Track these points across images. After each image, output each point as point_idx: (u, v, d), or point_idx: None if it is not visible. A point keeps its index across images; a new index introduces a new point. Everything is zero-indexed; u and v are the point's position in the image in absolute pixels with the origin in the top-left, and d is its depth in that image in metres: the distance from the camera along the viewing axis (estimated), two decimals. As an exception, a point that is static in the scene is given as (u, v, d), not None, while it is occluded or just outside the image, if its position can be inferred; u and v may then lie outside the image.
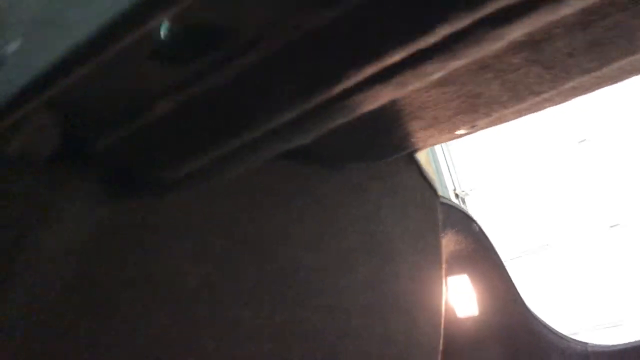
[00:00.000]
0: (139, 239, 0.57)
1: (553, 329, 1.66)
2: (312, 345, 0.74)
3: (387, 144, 0.88)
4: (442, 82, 0.75)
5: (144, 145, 0.47)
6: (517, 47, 0.73)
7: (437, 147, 4.21)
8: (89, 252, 0.52)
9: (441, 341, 1.11)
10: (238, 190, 0.71)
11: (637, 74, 0.86)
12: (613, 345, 1.57)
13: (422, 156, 1.23)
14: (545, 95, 0.87)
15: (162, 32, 0.38)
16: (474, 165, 4.12)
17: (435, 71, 0.45)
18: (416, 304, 1.04)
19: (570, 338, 1.65)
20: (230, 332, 0.64)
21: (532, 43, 0.73)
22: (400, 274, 1.02)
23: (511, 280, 1.73)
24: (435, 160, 4.24)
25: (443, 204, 1.38)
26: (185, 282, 0.62)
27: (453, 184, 4.20)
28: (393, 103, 0.76)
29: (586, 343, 1.62)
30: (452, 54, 0.41)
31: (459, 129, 0.93)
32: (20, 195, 0.42)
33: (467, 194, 4.18)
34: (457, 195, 4.14)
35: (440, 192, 1.33)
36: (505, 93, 0.84)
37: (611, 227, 3.50)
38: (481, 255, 1.75)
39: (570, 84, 0.85)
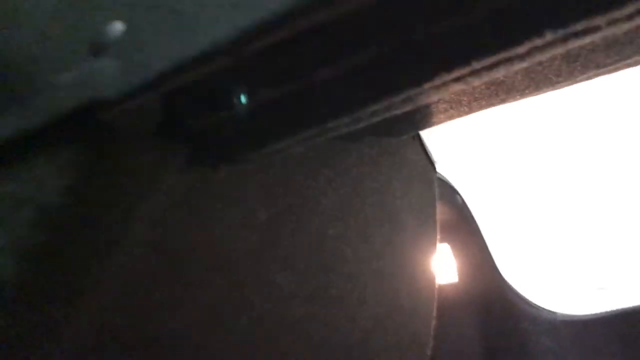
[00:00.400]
0: (200, 208, 0.61)
1: (525, 298, 1.76)
2: (337, 310, 0.80)
3: (410, 122, 0.93)
4: (473, 70, 0.79)
5: (234, 129, 0.50)
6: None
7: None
8: (169, 219, 0.55)
9: (435, 309, 1.18)
10: (276, 164, 0.75)
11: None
12: (581, 315, 1.67)
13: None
14: (558, 85, 0.93)
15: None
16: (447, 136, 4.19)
17: (502, 71, 0.50)
18: (417, 271, 1.10)
19: (541, 307, 1.75)
20: (271, 294, 0.69)
21: (565, 40, 0.77)
22: (406, 244, 1.08)
23: (489, 251, 1.82)
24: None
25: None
26: (236, 248, 0.66)
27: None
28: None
29: (555, 312, 1.72)
30: (531, 58, 0.46)
31: (472, 111, 0.98)
32: (130, 169, 0.45)
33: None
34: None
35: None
36: (525, 82, 0.89)
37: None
38: (462, 226, 1.83)
39: (583, 76, 0.91)
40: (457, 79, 0.48)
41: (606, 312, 1.58)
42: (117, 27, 0.47)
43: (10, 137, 0.44)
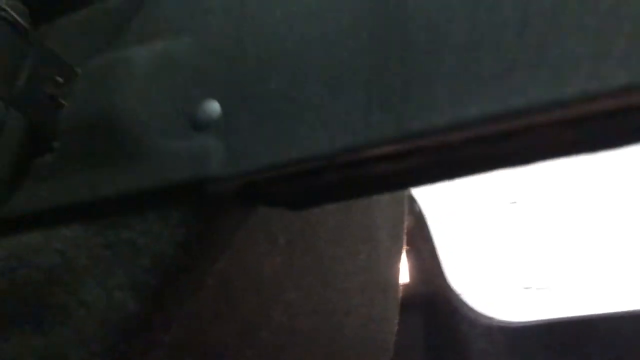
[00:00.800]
0: (238, 241, 0.72)
1: (466, 302, 1.94)
2: (332, 322, 0.93)
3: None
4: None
5: (297, 195, 0.61)
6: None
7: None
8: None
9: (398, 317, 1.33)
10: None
11: None
12: (516, 322, 1.85)
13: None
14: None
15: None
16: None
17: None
18: (389, 285, 1.25)
19: (479, 311, 1.93)
20: (286, 310, 0.81)
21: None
22: (381, 260, 1.22)
23: (438, 258, 1.99)
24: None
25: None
26: (263, 271, 0.77)
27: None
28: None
29: (492, 318, 1.91)
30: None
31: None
32: (222, 230, 0.55)
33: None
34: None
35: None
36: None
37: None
38: (417, 233, 2.00)
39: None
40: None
41: (539, 321, 1.75)
42: (214, 106, 0.57)
43: (125, 192, 0.53)
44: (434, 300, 1.96)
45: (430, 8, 0.47)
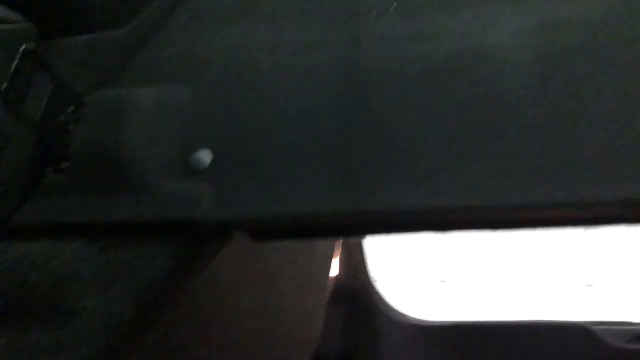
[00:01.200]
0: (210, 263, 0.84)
1: (384, 298, 2.11)
2: (272, 321, 1.07)
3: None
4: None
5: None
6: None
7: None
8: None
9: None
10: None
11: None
12: (427, 321, 2.04)
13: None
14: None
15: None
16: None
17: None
18: (320, 286, 1.40)
19: (395, 309, 2.11)
20: (240, 313, 0.95)
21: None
22: (315, 265, 1.37)
23: (364, 254, 2.16)
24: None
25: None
26: (221, 280, 0.90)
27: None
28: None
29: (406, 315, 2.10)
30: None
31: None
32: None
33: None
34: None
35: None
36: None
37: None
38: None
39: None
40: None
41: (448, 322, 1.94)
42: (206, 155, 0.69)
43: (125, 218, 0.65)
44: (357, 294, 2.12)
45: (385, 109, 0.61)
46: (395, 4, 0.66)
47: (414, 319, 2.10)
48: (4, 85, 0.61)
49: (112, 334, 0.61)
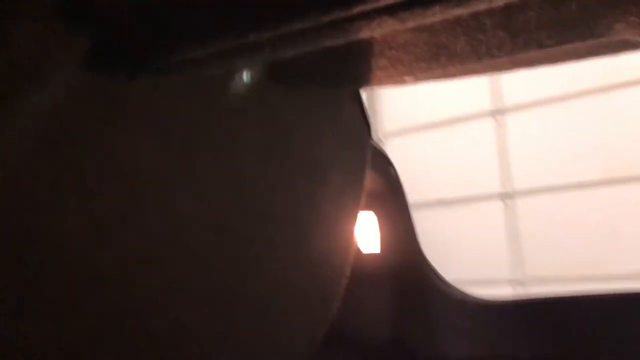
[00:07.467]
0: (106, 116, 0.57)
1: (439, 275, 1.80)
2: (245, 247, 0.78)
3: (347, 74, 0.91)
4: (417, 28, 0.78)
5: (144, 18, 0.47)
6: (494, 10, 0.77)
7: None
8: (59, 117, 0.52)
9: (348, 269, 1.18)
10: (203, 91, 0.72)
11: (585, 59, 0.93)
12: (490, 300, 1.72)
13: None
14: (498, 61, 0.93)
15: None
16: (392, 114, 4.23)
17: (439, 14, 0.48)
18: (335, 229, 1.10)
19: (454, 287, 1.79)
20: (173, 219, 0.67)
21: (508, 9, 0.77)
22: (328, 199, 1.07)
23: (413, 226, 1.84)
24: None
25: (371, 144, 1.45)
26: (140, 164, 0.63)
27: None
28: (367, 39, 0.79)
29: (467, 294, 1.77)
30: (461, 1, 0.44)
31: (412, 75, 0.97)
32: (17, 41, 0.41)
33: (381, 141, 4.30)
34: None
35: (371, 133, 1.39)
36: (467, 49, 0.88)
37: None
38: (391, 198, 1.85)
39: (524, 55, 0.91)
40: (389, 11, 0.46)
41: (516, 300, 1.64)
42: None
43: None
44: (408, 271, 1.81)
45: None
46: None
47: (476, 298, 1.77)
48: None
49: None
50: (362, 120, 1.26)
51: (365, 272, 1.77)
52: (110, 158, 0.58)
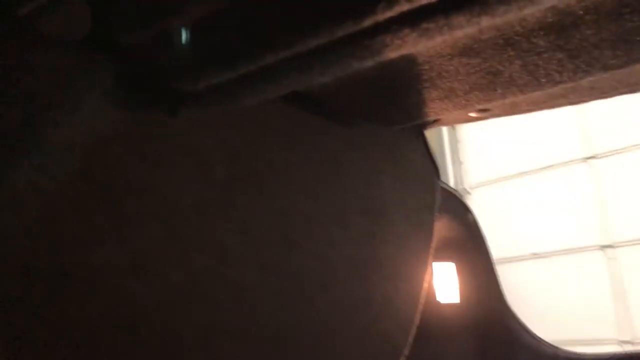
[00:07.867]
0: (145, 150, 0.58)
1: (527, 328, 1.68)
2: (294, 286, 0.76)
3: (400, 108, 0.88)
4: (465, 52, 0.75)
5: (167, 49, 0.48)
6: (545, 28, 0.73)
7: (445, 142, 4.24)
8: (95, 151, 0.53)
9: (418, 315, 1.12)
10: (246, 125, 0.72)
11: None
12: (584, 354, 1.59)
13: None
14: (563, 87, 0.87)
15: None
16: (478, 165, 4.13)
17: (466, 25, 0.45)
18: (400, 273, 1.05)
19: (543, 340, 1.66)
20: (216, 255, 0.65)
21: (560, 27, 0.73)
22: (389, 241, 1.03)
23: (496, 276, 1.74)
24: (441, 155, 4.25)
25: (443, 189, 1.39)
26: (182, 200, 0.63)
27: (455, 179, 4.23)
28: (413, 66, 0.76)
29: (557, 347, 1.64)
30: (485, 8, 0.41)
31: (473, 106, 0.92)
32: (44, 69, 0.43)
33: (468, 193, 4.19)
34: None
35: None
36: (524, 75, 0.83)
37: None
38: (471, 246, 1.76)
39: (590, 79, 0.85)
40: (409, 22, 0.44)
41: (611, 354, 1.50)
42: None
43: None
44: (490, 324, 1.71)
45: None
46: None
47: (569, 352, 1.65)
48: None
49: None
50: (427, 161, 1.22)
51: (445, 323, 1.69)
52: (149, 193, 0.59)
